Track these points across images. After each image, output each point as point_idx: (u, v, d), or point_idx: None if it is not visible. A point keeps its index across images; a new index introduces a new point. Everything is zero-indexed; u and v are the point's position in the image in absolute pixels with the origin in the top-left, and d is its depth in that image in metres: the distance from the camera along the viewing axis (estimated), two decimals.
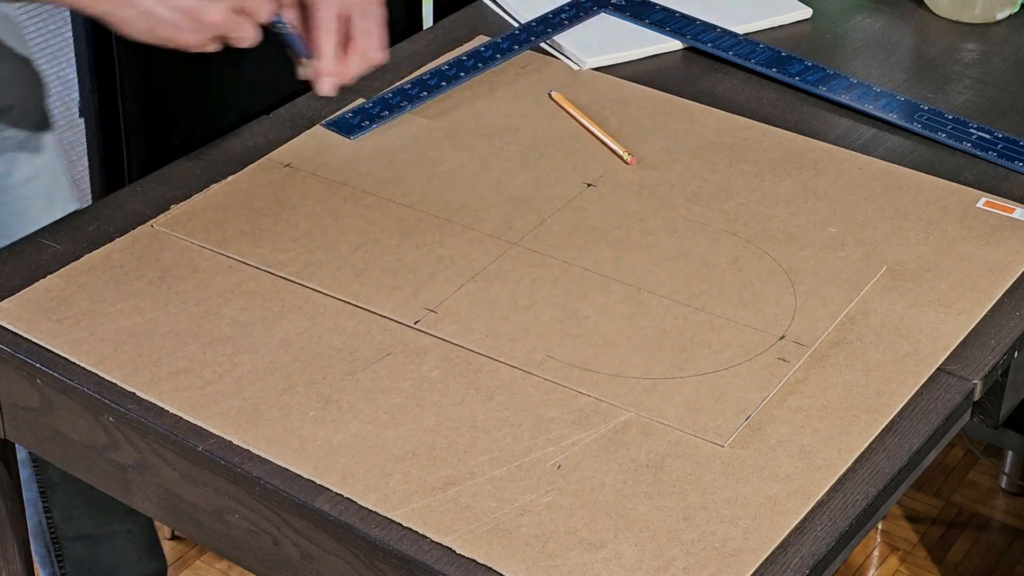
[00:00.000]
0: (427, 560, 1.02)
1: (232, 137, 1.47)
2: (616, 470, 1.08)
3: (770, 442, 1.11)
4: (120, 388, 1.16)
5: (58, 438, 1.22)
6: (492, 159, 1.43)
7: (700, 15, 1.67)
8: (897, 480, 1.10)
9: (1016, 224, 1.35)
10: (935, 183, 1.41)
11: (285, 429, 1.12)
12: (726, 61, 1.61)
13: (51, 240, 1.32)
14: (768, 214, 1.36)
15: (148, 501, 1.19)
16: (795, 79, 1.56)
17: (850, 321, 1.23)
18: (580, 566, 1.01)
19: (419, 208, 1.36)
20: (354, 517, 1.05)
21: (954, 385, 1.17)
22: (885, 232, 1.34)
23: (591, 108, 1.52)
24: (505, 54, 1.60)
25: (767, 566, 1.01)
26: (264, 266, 1.28)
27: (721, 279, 1.27)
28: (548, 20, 1.66)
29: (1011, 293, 1.27)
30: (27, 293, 1.25)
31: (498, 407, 1.13)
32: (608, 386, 1.15)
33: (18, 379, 1.21)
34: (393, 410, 1.13)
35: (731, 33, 1.64)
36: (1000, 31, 1.70)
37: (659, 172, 1.42)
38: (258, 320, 1.22)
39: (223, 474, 1.10)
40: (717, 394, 1.15)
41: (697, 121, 1.50)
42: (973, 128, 1.48)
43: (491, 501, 1.05)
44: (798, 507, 1.05)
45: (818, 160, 1.44)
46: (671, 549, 1.02)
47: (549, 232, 1.33)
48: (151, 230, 1.33)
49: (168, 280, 1.27)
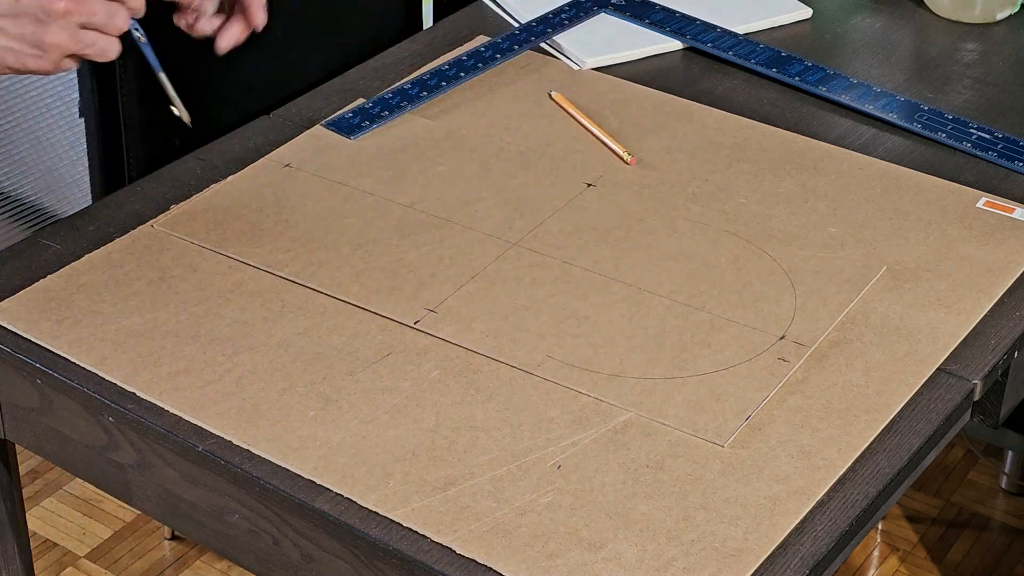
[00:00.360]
0: (427, 560, 1.02)
1: (232, 137, 1.47)
2: (616, 470, 1.08)
3: (770, 442, 1.11)
4: (120, 388, 1.16)
5: (58, 438, 1.22)
6: (492, 159, 1.43)
7: (700, 15, 1.67)
8: (897, 480, 1.10)
9: (1016, 224, 1.35)
10: (935, 183, 1.41)
11: (285, 429, 1.12)
12: (726, 61, 1.61)
13: (51, 240, 1.32)
14: (768, 214, 1.36)
15: (148, 501, 1.19)
16: (795, 79, 1.56)
17: (850, 321, 1.23)
18: (580, 566, 1.01)
19: (419, 208, 1.36)
20: (354, 517, 1.05)
21: (954, 385, 1.17)
22: (885, 232, 1.34)
23: (591, 108, 1.52)
24: (505, 54, 1.60)
25: (767, 566, 1.01)
26: (264, 266, 1.28)
27: (721, 279, 1.27)
28: (548, 20, 1.66)
29: (1011, 293, 1.27)
30: (27, 293, 1.25)
31: (498, 407, 1.13)
32: (608, 386, 1.15)
33: (18, 379, 1.21)
34: (393, 410, 1.13)
35: (731, 33, 1.64)
36: (1000, 31, 1.70)
37: (659, 172, 1.42)
38: (258, 320, 1.22)
39: (223, 474, 1.10)
40: (717, 394, 1.15)
41: (697, 121, 1.50)
42: (973, 128, 1.48)
43: (491, 501, 1.05)
44: (798, 507, 1.05)
45: (818, 160, 1.44)
46: (671, 549, 1.02)
47: (549, 232, 1.33)
48: (151, 230, 1.33)
49: (168, 280, 1.27)
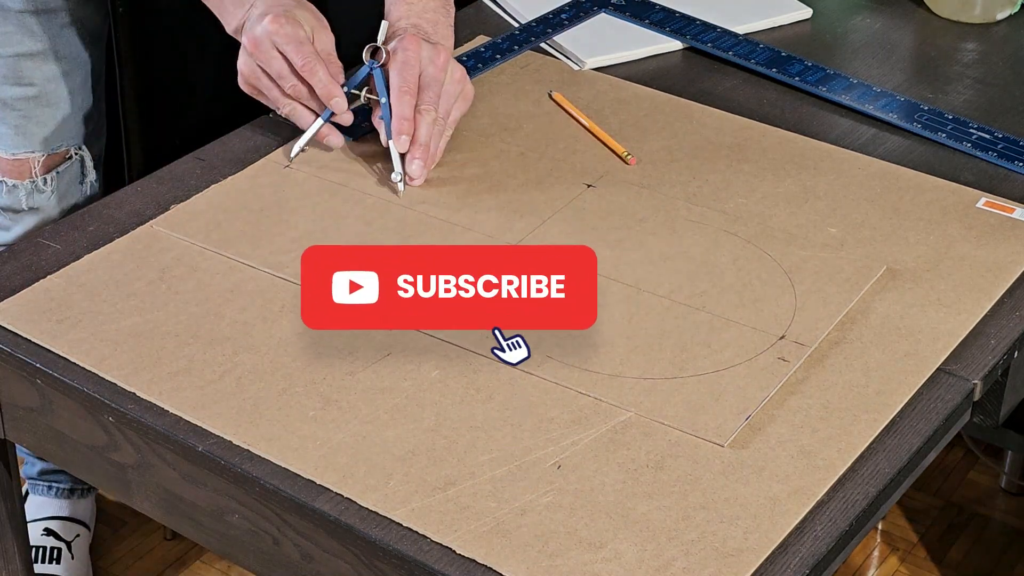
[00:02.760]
0: (427, 560, 1.02)
1: (232, 137, 1.47)
2: (616, 470, 1.08)
3: (770, 442, 1.11)
4: (120, 388, 1.16)
5: (58, 438, 1.22)
6: (492, 159, 1.43)
7: (700, 15, 1.67)
8: (897, 480, 1.10)
9: (1016, 224, 1.35)
10: (935, 183, 1.41)
11: (285, 429, 1.12)
12: (726, 61, 1.61)
13: (51, 240, 1.32)
14: (768, 214, 1.36)
15: (148, 501, 1.19)
16: (795, 79, 1.56)
17: (850, 321, 1.23)
18: (580, 566, 1.01)
19: (419, 208, 1.36)
20: (354, 517, 1.05)
21: (954, 385, 1.17)
22: (885, 232, 1.34)
23: (591, 108, 1.52)
24: (505, 54, 1.60)
25: (767, 566, 1.01)
26: (264, 266, 1.28)
27: (721, 279, 1.27)
28: (548, 20, 1.66)
29: (1011, 293, 1.27)
30: (27, 293, 1.25)
31: (498, 407, 1.13)
32: (608, 386, 1.15)
33: (18, 379, 1.21)
34: (393, 410, 1.13)
35: (731, 33, 1.64)
36: (1000, 31, 1.70)
37: (659, 172, 1.42)
38: (258, 320, 1.22)
39: (223, 474, 1.10)
40: (717, 394, 1.15)
41: (697, 121, 1.50)
42: (973, 128, 1.48)
43: (491, 501, 1.05)
44: (798, 507, 1.05)
45: (818, 160, 1.44)
46: (671, 549, 1.02)
47: (549, 232, 1.33)
48: (151, 230, 1.33)
49: (168, 280, 1.27)
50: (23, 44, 1.57)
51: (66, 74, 1.61)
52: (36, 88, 1.59)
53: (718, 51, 1.61)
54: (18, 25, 1.57)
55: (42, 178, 1.63)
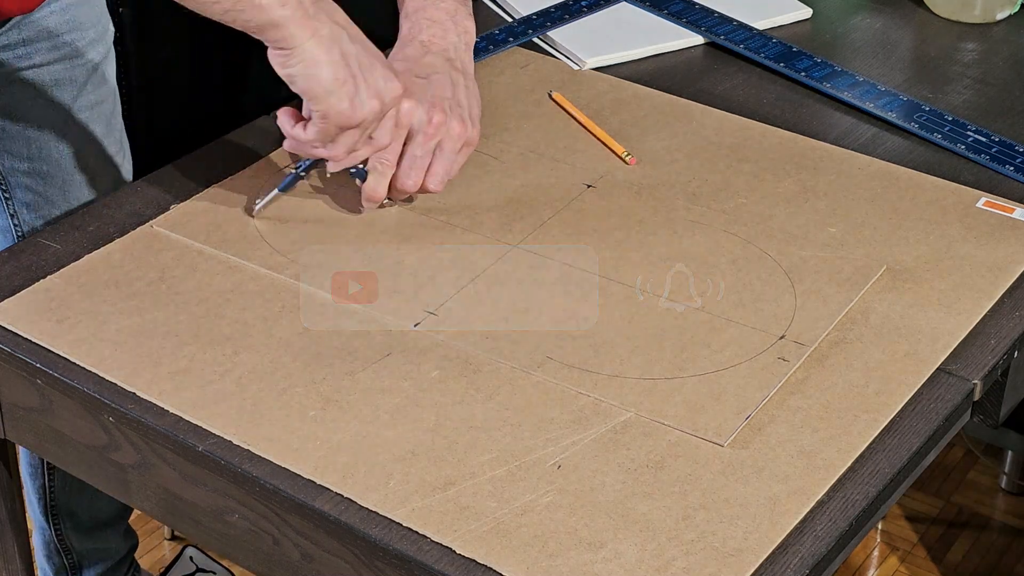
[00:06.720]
0: (427, 560, 1.02)
1: (232, 137, 1.47)
2: (616, 470, 1.08)
3: (770, 442, 1.11)
4: (120, 388, 1.16)
5: (58, 438, 1.22)
6: (492, 159, 1.43)
7: None
8: (897, 480, 1.10)
9: (1016, 224, 1.35)
10: (935, 183, 1.41)
11: (285, 429, 1.12)
12: (734, 54, 1.61)
13: (51, 240, 1.32)
14: (768, 214, 1.36)
15: (148, 501, 1.19)
16: (801, 75, 1.57)
17: (850, 321, 1.23)
18: (580, 566, 1.01)
19: (419, 210, 1.36)
20: (354, 517, 1.05)
21: (954, 385, 1.17)
22: (885, 232, 1.34)
23: (591, 108, 1.52)
24: (499, 46, 1.61)
25: (767, 566, 1.01)
26: (264, 266, 1.28)
27: (721, 279, 1.27)
28: (568, 6, 1.67)
29: (1011, 293, 1.27)
30: (27, 293, 1.25)
31: (498, 407, 1.13)
32: (608, 386, 1.15)
33: (18, 379, 1.21)
34: (393, 410, 1.13)
35: (746, 27, 1.65)
36: (1000, 31, 1.70)
37: (659, 172, 1.42)
38: (258, 320, 1.22)
39: (223, 474, 1.10)
40: (717, 394, 1.15)
41: (697, 121, 1.50)
42: (970, 130, 1.48)
43: (491, 501, 1.05)
44: (798, 507, 1.05)
45: (818, 160, 1.44)
46: (671, 549, 1.02)
47: (549, 233, 1.33)
48: (151, 230, 1.33)
49: (168, 280, 1.27)
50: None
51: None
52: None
53: (731, 44, 1.62)
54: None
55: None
